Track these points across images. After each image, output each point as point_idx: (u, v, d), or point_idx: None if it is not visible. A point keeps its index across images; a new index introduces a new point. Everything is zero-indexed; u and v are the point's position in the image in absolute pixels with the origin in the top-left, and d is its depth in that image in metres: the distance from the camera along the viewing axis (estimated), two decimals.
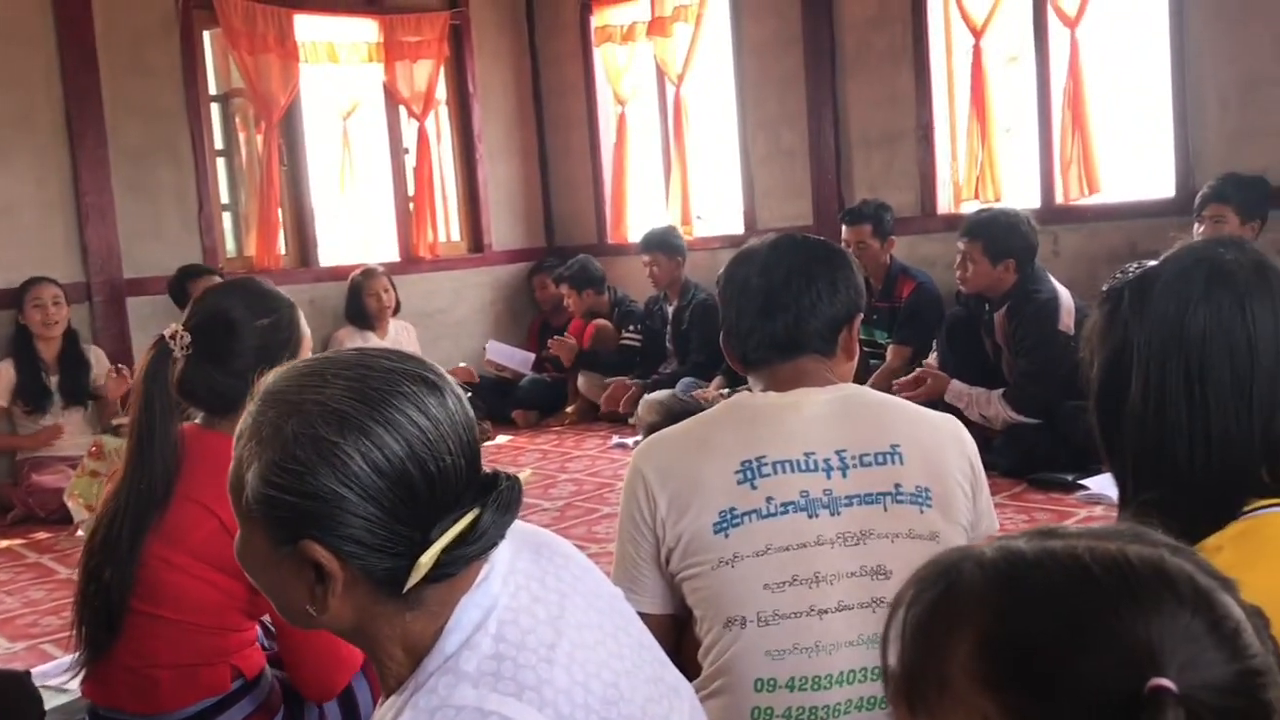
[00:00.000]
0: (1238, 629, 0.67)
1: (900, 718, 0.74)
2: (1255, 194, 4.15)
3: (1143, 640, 0.65)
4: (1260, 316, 1.24)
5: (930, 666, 0.71)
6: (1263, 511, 1.21)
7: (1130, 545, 0.70)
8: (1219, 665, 0.65)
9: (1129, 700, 0.63)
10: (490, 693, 0.97)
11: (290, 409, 1.01)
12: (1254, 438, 1.23)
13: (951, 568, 0.73)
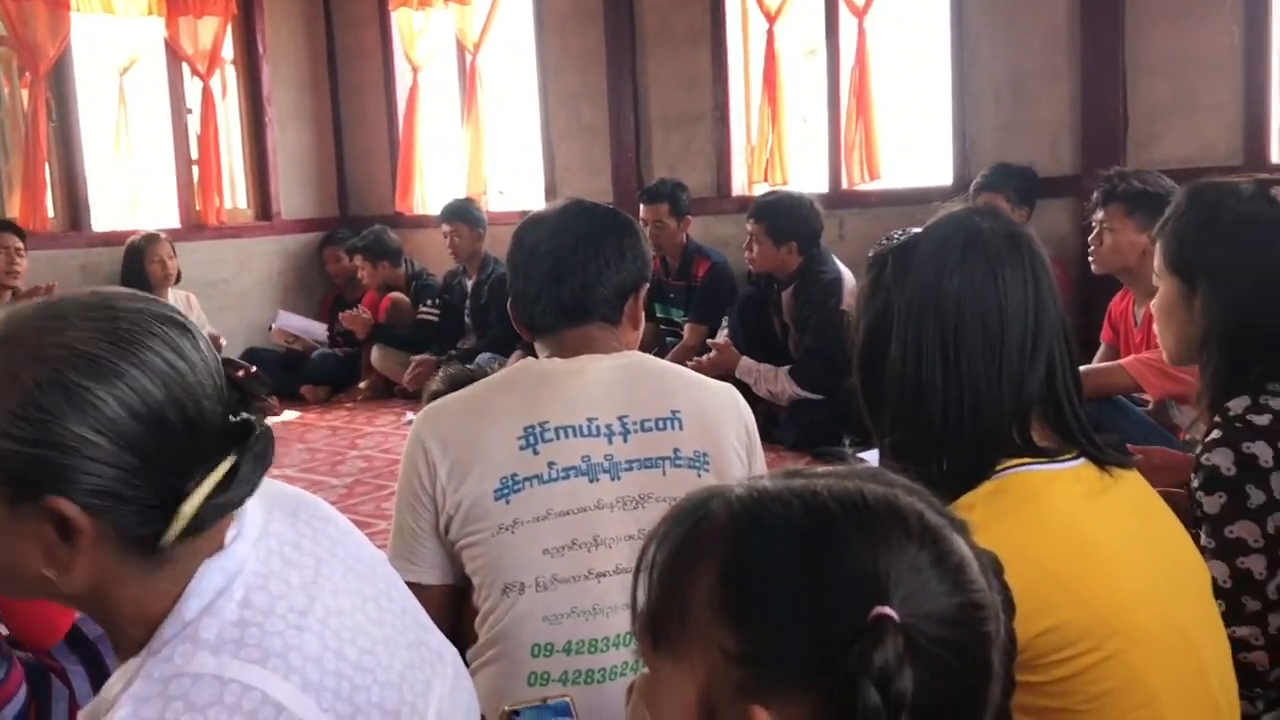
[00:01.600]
0: (962, 564, 0.70)
1: (644, 654, 0.74)
2: (1024, 183, 4.41)
3: (870, 571, 0.67)
4: (1011, 283, 1.30)
5: (674, 601, 0.71)
6: (1012, 471, 1.27)
7: (868, 484, 0.73)
8: (941, 597, 0.68)
9: (855, 628, 0.64)
10: (231, 660, 0.92)
11: (27, 355, 0.93)
12: (1004, 400, 1.28)
13: (701, 505, 0.74)
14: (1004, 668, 0.72)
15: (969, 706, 0.69)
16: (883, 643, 0.64)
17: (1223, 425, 1.72)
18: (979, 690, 0.69)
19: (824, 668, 0.65)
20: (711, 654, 0.69)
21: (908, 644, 0.65)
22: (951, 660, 0.67)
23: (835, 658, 0.64)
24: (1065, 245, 4.46)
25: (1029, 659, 1.18)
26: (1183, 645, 1.26)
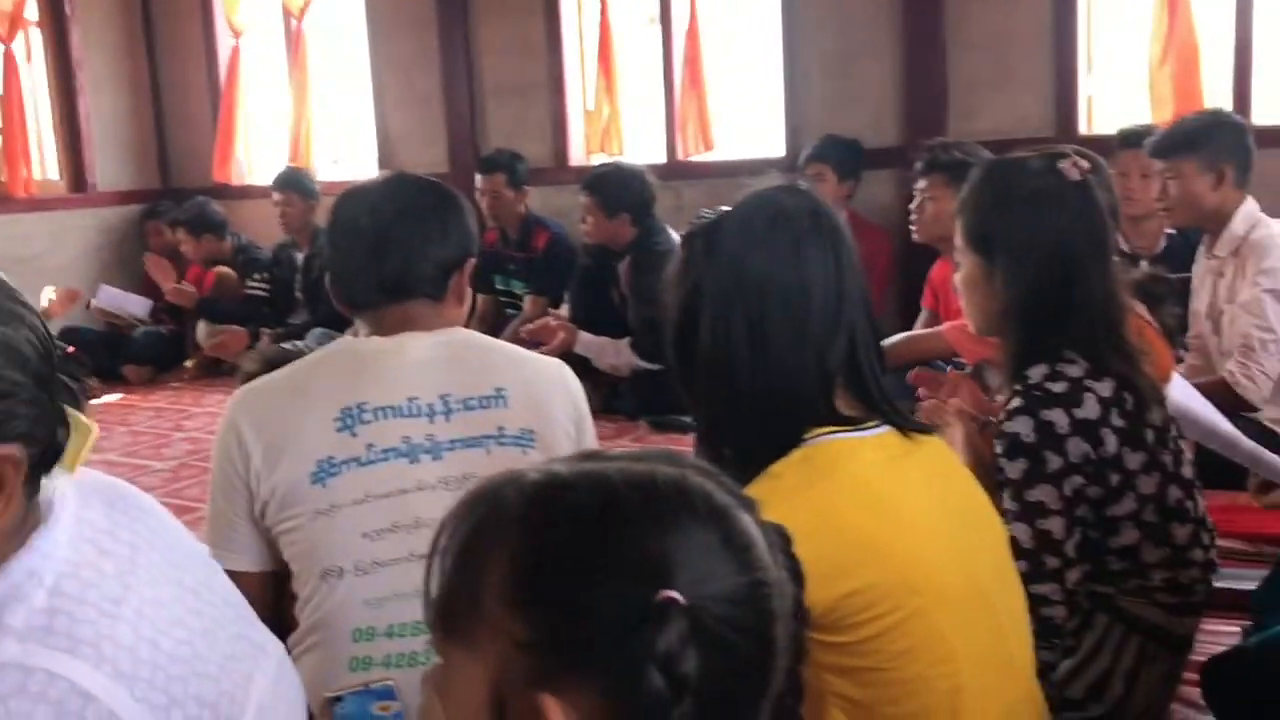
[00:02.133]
0: (749, 544, 0.71)
1: (435, 644, 0.73)
2: (851, 155, 4.53)
3: (657, 554, 0.67)
4: (813, 259, 1.33)
5: (465, 589, 0.71)
6: (819, 439, 1.31)
7: (660, 466, 0.73)
8: (728, 577, 0.69)
9: (641, 612, 0.65)
10: (38, 647, 0.87)
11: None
12: (809, 372, 1.32)
13: (493, 491, 0.74)
14: (790, 640, 0.73)
15: (754, 681, 0.70)
16: (667, 626, 0.64)
17: (1022, 394, 1.80)
18: (764, 665, 0.71)
19: (611, 653, 0.65)
20: (502, 643, 0.68)
21: (694, 625, 0.65)
22: (737, 639, 0.68)
23: (621, 643, 0.65)
24: (890, 215, 4.60)
25: (835, 620, 1.23)
26: (981, 603, 1.32)
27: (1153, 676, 1.86)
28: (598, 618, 0.66)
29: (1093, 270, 1.85)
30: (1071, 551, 1.76)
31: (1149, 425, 1.83)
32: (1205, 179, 3.08)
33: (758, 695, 0.71)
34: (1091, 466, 1.76)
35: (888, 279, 4.56)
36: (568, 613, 0.67)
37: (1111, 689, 1.84)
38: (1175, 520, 1.83)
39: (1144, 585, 1.84)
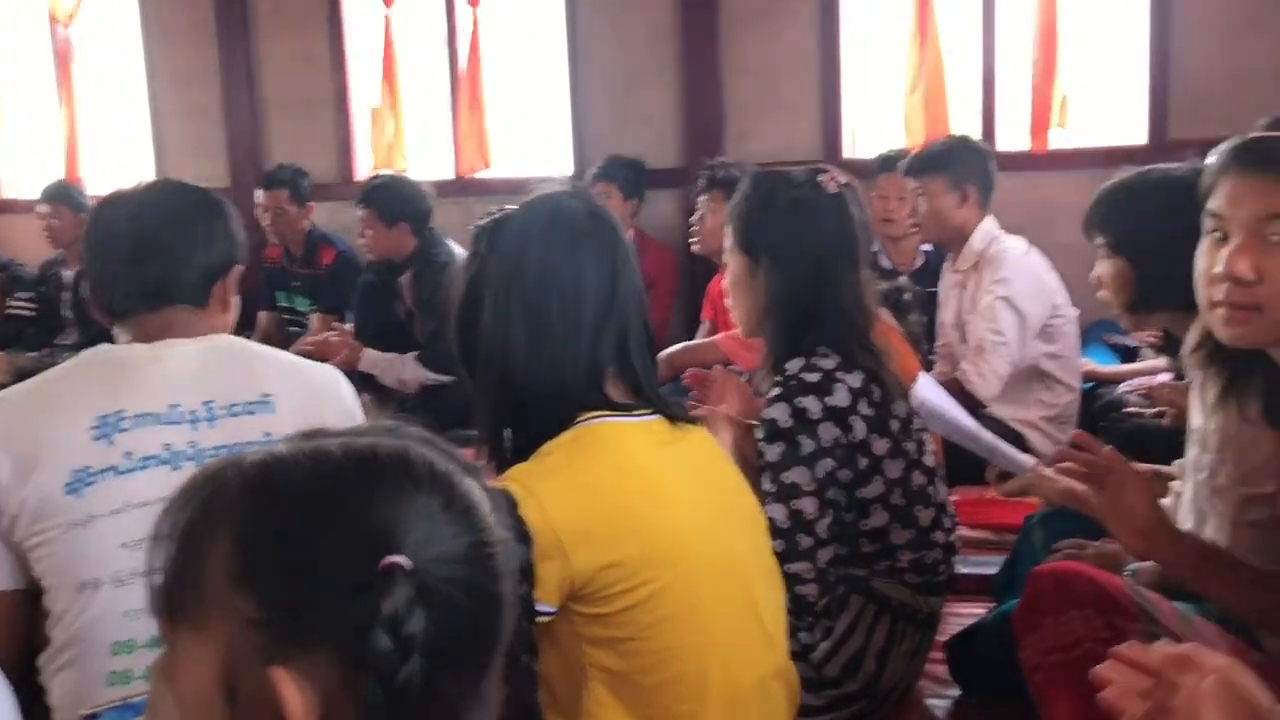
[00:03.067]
0: (471, 507, 0.74)
1: (162, 632, 0.73)
2: (635, 174, 4.65)
3: (380, 523, 0.70)
4: (589, 256, 1.43)
5: (190, 574, 0.71)
6: (589, 421, 1.40)
7: (382, 440, 0.75)
8: (452, 540, 0.72)
9: (368, 578, 0.68)
10: None
11: None
12: (581, 360, 1.41)
13: (215, 475, 0.74)
14: (517, 597, 0.78)
15: (482, 637, 0.74)
16: (393, 590, 0.67)
17: (781, 384, 1.94)
18: (491, 622, 0.75)
19: (340, 621, 0.67)
20: (230, 622, 0.69)
21: (419, 588, 0.68)
22: (463, 598, 0.71)
23: (349, 610, 0.67)
24: (674, 233, 4.74)
25: (595, 591, 1.30)
26: (736, 579, 1.42)
27: (902, 653, 2.00)
28: (324, 588, 0.68)
29: (844, 275, 2.00)
30: (823, 532, 1.89)
31: (894, 415, 1.98)
32: (951, 197, 3.34)
33: (486, 650, 0.75)
34: (842, 450, 1.90)
35: (673, 294, 4.70)
36: (294, 585, 0.69)
37: (865, 666, 1.97)
38: (919, 504, 1.99)
39: (893, 566, 1.99)
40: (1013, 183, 4.17)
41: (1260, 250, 1.35)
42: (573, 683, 1.37)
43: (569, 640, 1.35)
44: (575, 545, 1.29)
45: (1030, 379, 3.28)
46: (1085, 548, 2.09)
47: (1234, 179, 1.37)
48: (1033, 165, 4.38)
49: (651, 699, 1.35)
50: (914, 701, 2.10)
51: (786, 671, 1.50)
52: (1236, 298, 1.38)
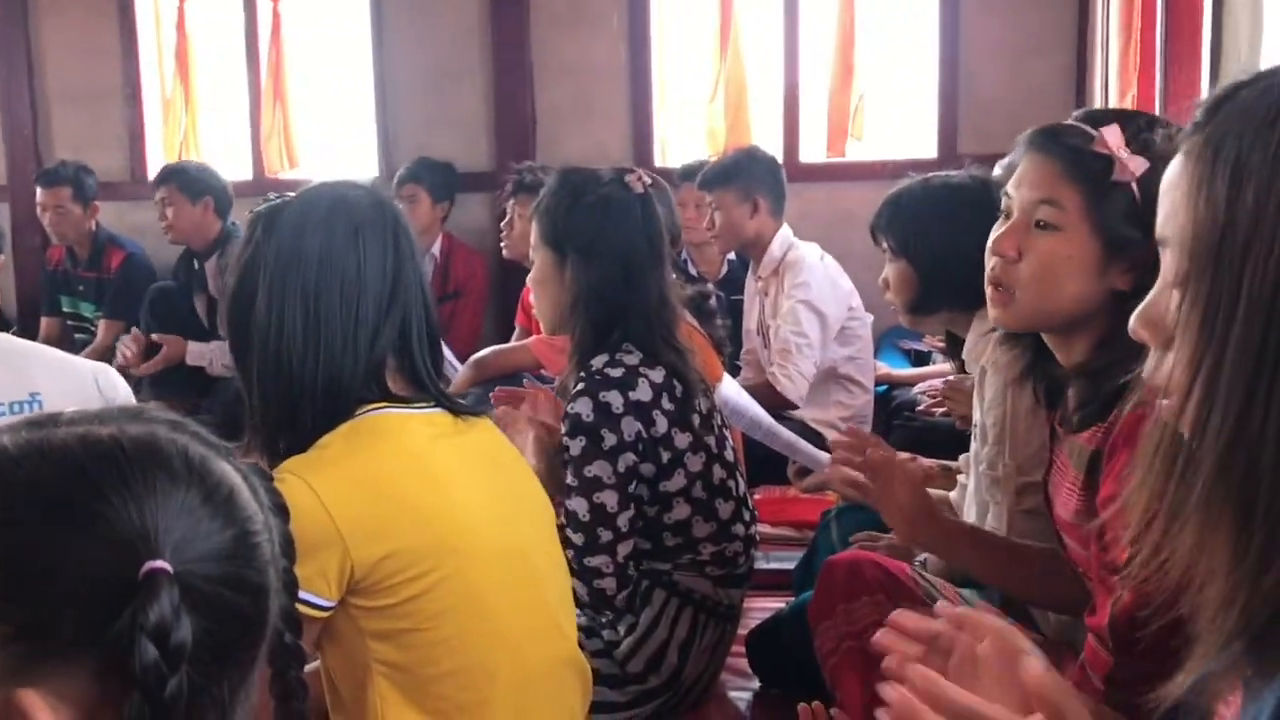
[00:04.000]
0: (232, 494, 0.69)
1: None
2: (444, 177, 4.57)
3: (137, 525, 0.64)
4: (371, 245, 1.38)
5: None
6: (369, 413, 1.36)
7: (127, 426, 0.69)
8: (215, 535, 0.67)
9: (127, 587, 0.62)
10: None
11: None
12: (360, 351, 1.36)
13: None
14: (282, 580, 0.73)
15: (250, 629, 0.69)
16: (157, 598, 0.62)
17: (585, 379, 1.93)
18: (258, 612, 0.70)
19: (98, 634, 0.62)
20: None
21: (184, 592, 0.63)
22: (230, 595, 0.67)
23: (108, 622, 0.62)
24: (485, 238, 4.69)
25: (375, 583, 1.27)
26: (523, 568, 1.40)
27: (704, 646, 2.02)
28: (78, 601, 0.62)
29: (650, 273, 2.02)
30: (624, 525, 1.90)
31: (696, 411, 2.00)
32: (742, 209, 3.43)
33: (254, 642, 0.70)
34: (644, 444, 1.91)
35: (484, 300, 4.64)
36: (37, 597, 0.62)
37: (668, 660, 1.98)
38: (720, 497, 2.01)
39: (695, 559, 2.01)
40: (814, 193, 4.32)
41: (1026, 231, 1.40)
42: (356, 680, 1.33)
43: (350, 635, 1.31)
44: (354, 536, 1.24)
45: (828, 381, 3.38)
46: (879, 539, 2.16)
47: (1024, 161, 1.42)
48: (831, 176, 4.53)
49: (438, 690, 1.32)
50: (716, 695, 2.12)
51: (576, 658, 1.50)
52: (998, 275, 1.43)
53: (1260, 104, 0.72)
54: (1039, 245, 1.38)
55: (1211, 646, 0.76)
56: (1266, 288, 0.70)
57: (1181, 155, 0.77)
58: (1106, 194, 1.33)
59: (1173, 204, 0.77)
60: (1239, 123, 0.72)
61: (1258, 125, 0.71)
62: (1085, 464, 1.38)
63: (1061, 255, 1.36)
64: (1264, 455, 0.70)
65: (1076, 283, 1.36)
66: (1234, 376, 0.71)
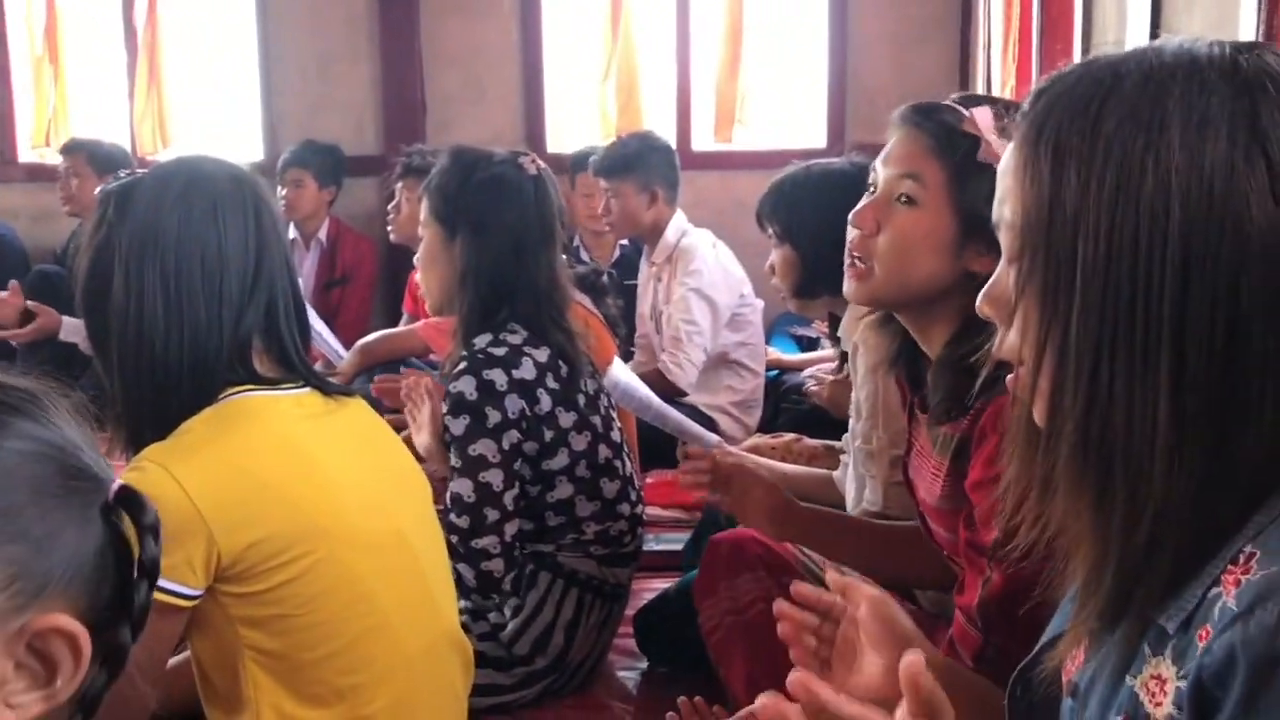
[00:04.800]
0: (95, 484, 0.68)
1: None
2: (331, 161, 4.48)
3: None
4: (231, 222, 1.34)
5: None
6: (234, 396, 1.31)
7: None
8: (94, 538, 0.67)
9: None
10: None
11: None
12: (224, 332, 1.32)
13: None
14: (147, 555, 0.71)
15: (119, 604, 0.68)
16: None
17: (468, 357, 1.91)
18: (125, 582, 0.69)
19: None
20: None
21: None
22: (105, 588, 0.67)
23: None
24: (373, 222, 4.60)
25: (243, 570, 1.23)
26: (401, 549, 1.37)
27: (590, 626, 2.02)
28: None
29: (541, 254, 2.01)
30: (510, 504, 1.88)
31: (581, 391, 2.00)
32: (641, 198, 3.43)
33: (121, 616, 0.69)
34: (527, 422, 1.90)
35: (372, 285, 4.57)
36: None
37: (554, 641, 1.97)
38: (605, 476, 2.01)
39: (579, 539, 2.00)
40: (705, 180, 4.34)
41: (887, 205, 1.39)
42: (228, 667, 1.29)
43: (221, 625, 1.27)
44: (220, 524, 1.20)
45: (719, 366, 3.41)
46: None
47: (894, 136, 1.42)
48: (723, 164, 4.56)
49: (313, 675, 1.29)
50: (603, 674, 2.12)
51: (457, 637, 1.48)
52: (855, 247, 1.42)
53: (1077, 90, 0.75)
54: (897, 219, 1.38)
55: (1085, 613, 0.78)
56: (1099, 259, 0.72)
57: (1013, 141, 0.79)
58: (970, 174, 1.32)
59: (1005, 187, 0.80)
60: (1059, 108, 0.75)
61: (1076, 110, 0.74)
62: (951, 450, 1.38)
63: (919, 231, 1.36)
64: (1116, 417, 0.73)
65: (931, 260, 1.36)
66: (1079, 346, 0.73)
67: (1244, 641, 0.66)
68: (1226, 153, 0.71)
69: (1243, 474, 0.72)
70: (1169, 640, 0.73)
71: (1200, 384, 0.71)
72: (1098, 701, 0.79)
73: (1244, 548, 0.71)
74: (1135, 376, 0.72)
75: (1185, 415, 0.71)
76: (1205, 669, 0.69)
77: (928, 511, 1.51)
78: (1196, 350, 0.71)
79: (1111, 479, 0.74)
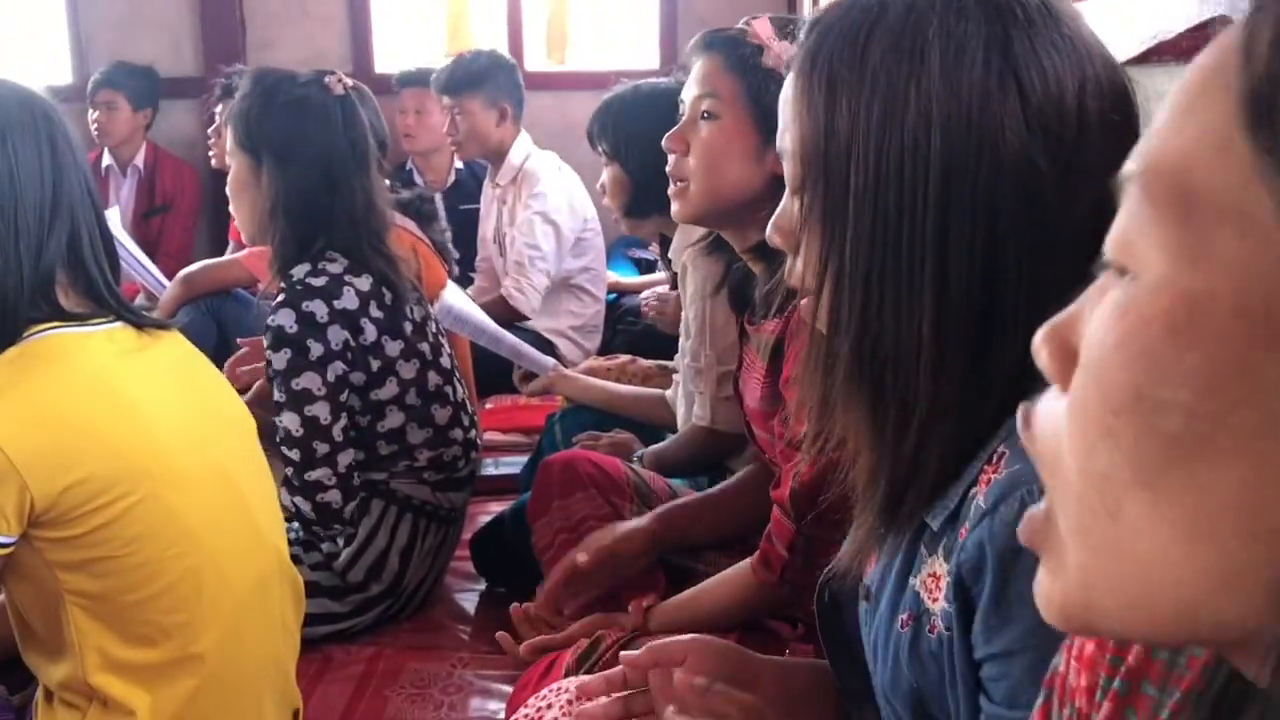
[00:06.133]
0: None
1: None
2: (145, 83, 4.27)
3: None
4: (23, 150, 1.27)
5: None
6: (39, 335, 1.26)
7: None
8: None
9: None
10: None
11: None
12: (23, 267, 1.26)
13: None
14: None
15: None
16: None
17: (286, 290, 1.88)
18: None
19: None
20: None
21: None
22: None
23: None
24: (194, 148, 4.41)
25: (61, 514, 1.20)
26: (223, 484, 1.36)
27: (425, 551, 2.04)
28: None
29: (354, 179, 1.96)
30: (339, 435, 1.87)
31: (408, 318, 1.99)
32: (489, 115, 3.38)
33: None
34: (352, 353, 1.88)
35: (195, 214, 4.40)
36: None
37: (389, 566, 1.98)
38: (435, 403, 2.02)
39: (411, 465, 2.01)
40: (540, 101, 4.30)
41: (693, 126, 1.49)
42: (50, 614, 1.27)
43: (39, 570, 1.24)
44: (32, 470, 1.16)
45: (560, 291, 3.41)
46: (599, 438, 2.22)
47: (694, 64, 1.49)
48: (558, 85, 4.52)
49: (138, 616, 1.27)
50: (441, 597, 2.15)
51: (286, 570, 1.48)
52: (673, 171, 1.51)
53: (847, 20, 0.78)
54: (703, 135, 1.47)
55: (865, 515, 0.84)
56: (869, 188, 0.76)
57: (790, 73, 0.82)
58: (761, 81, 1.42)
59: (786, 118, 0.83)
60: (831, 39, 0.78)
61: (846, 40, 0.77)
62: (769, 353, 1.46)
63: (722, 141, 1.46)
64: (885, 338, 0.77)
65: (738, 167, 1.45)
66: (852, 270, 0.77)
67: (990, 536, 0.72)
68: (982, 79, 0.74)
69: (999, 382, 0.76)
70: (939, 539, 0.78)
71: (961, 303, 0.75)
72: (887, 603, 0.84)
73: (998, 448, 0.76)
74: (902, 298, 0.76)
75: (947, 332, 0.75)
76: (963, 565, 0.74)
77: (752, 417, 1.58)
78: (957, 271, 0.75)
79: (883, 392, 0.78)
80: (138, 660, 1.28)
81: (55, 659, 1.29)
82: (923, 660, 0.80)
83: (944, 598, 0.77)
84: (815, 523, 1.30)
